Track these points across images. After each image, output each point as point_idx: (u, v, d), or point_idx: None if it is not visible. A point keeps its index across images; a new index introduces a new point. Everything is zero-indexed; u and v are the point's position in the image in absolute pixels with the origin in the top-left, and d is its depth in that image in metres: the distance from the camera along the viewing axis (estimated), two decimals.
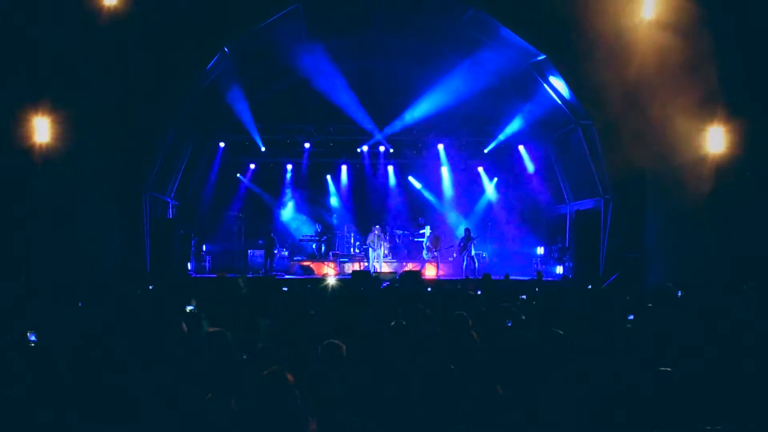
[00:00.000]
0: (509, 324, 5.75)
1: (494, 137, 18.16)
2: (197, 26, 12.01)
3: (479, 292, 9.57)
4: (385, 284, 10.39)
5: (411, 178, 20.04)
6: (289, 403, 3.05)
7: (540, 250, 18.12)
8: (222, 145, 18.07)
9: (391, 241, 18.20)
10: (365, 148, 18.67)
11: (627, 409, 3.59)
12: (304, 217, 19.60)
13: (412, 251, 19.19)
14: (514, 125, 17.22)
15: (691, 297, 7.79)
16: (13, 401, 3.49)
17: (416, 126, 17.84)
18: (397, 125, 17.54)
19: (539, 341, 4.60)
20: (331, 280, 11.80)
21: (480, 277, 14.41)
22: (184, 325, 4.78)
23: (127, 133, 12.24)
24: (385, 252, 17.58)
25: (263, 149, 18.40)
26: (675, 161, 11.17)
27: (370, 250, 17.17)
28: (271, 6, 12.73)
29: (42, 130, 10.67)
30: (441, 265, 17.64)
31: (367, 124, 17.43)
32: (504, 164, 19.41)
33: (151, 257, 13.56)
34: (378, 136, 17.98)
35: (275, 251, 17.38)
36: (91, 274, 11.05)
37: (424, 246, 17.72)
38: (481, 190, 19.82)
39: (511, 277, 13.21)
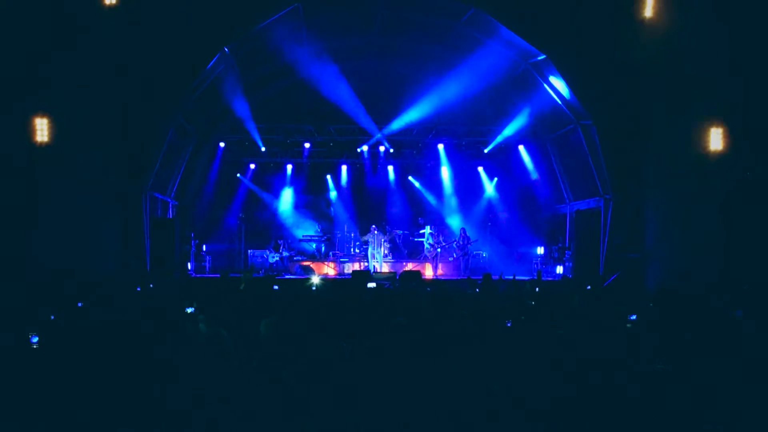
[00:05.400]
0: (509, 324, 5.75)
1: (494, 137, 18.15)
2: (197, 26, 12.00)
3: (477, 291, 9.58)
4: (383, 284, 10.38)
5: (411, 178, 20.05)
6: (287, 403, 3.05)
7: (540, 250, 18.12)
8: (222, 145, 18.07)
9: (391, 241, 18.21)
10: (365, 148, 18.66)
11: (627, 408, 3.59)
12: (304, 217, 19.61)
13: (412, 251, 19.22)
14: (514, 125, 17.22)
15: (691, 297, 7.78)
16: (14, 402, 3.49)
17: (416, 126, 17.85)
18: (397, 125, 17.54)
19: (539, 341, 4.61)
20: (316, 279, 11.60)
21: (467, 277, 14.44)
22: (186, 325, 4.79)
23: (127, 133, 12.24)
24: (385, 252, 17.59)
25: (263, 149, 18.40)
26: (675, 161, 11.17)
27: (370, 249, 17.19)
28: (271, 6, 12.73)
29: (42, 130, 10.67)
30: (441, 265, 17.65)
31: (367, 124, 17.43)
32: (504, 164, 19.41)
33: (151, 257, 13.56)
34: (378, 136, 17.98)
35: (281, 251, 17.59)
36: (91, 274, 11.04)
37: (425, 244, 17.75)
38: (481, 190, 19.83)
39: (510, 277, 13.20)
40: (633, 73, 11.53)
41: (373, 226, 17.34)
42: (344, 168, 19.88)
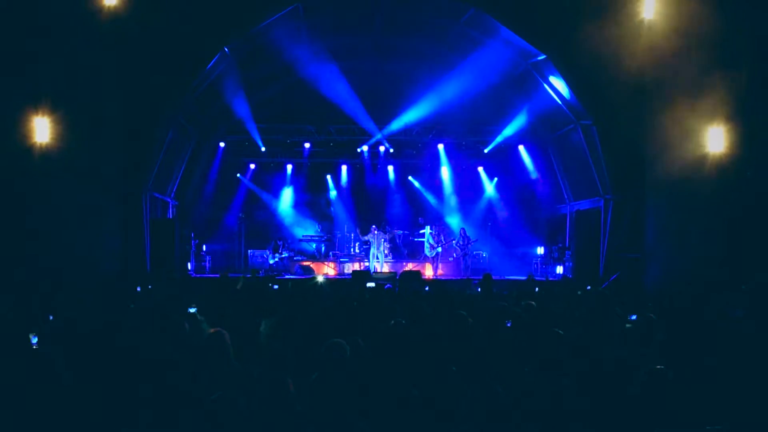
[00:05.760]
0: (509, 324, 5.75)
1: (494, 137, 18.16)
2: (197, 26, 11.99)
3: (479, 290, 9.58)
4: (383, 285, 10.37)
5: (411, 178, 20.05)
6: (289, 407, 3.05)
7: (540, 250, 18.13)
8: (222, 145, 18.07)
9: (391, 241, 18.21)
10: (365, 148, 18.67)
11: (627, 408, 3.59)
12: (303, 217, 19.60)
13: (412, 251, 19.21)
14: (514, 125, 17.24)
15: (691, 297, 7.79)
16: (14, 403, 3.49)
17: (416, 126, 17.86)
18: (396, 125, 17.54)
19: (539, 341, 4.61)
20: (320, 278, 11.76)
21: (467, 277, 14.45)
22: (186, 325, 4.79)
23: (127, 133, 12.23)
24: (385, 252, 17.60)
25: (263, 149, 18.41)
26: (675, 161, 11.17)
27: (372, 249, 17.19)
28: (271, 6, 12.73)
29: (42, 130, 10.67)
30: (441, 265, 17.65)
31: (367, 124, 17.43)
32: (504, 164, 19.42)
33: (151, 257, 13.55)
34: (378, 136, 17.98)
35: (280, 252, 17.62)
36: (91, 274, 11.04)
37: (426, 243, 17.78)
38: (481, 190, 19.83)
39: (510, 277, 13.21)
40: (633, 73, 11.51)
41: (374, 225, 17.34)
42: (344, 168, 19.88)
